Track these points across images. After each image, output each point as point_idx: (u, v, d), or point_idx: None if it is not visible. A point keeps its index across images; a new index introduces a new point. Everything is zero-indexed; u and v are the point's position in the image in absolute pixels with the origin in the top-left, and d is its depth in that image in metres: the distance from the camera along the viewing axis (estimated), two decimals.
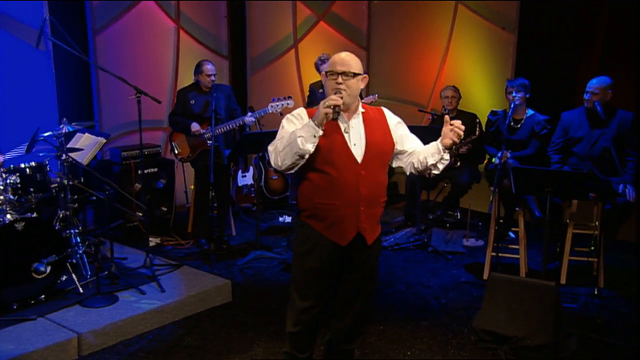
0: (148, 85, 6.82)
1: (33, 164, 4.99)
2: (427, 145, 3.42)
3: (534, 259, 5.99)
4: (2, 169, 4.81)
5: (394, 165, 3.56)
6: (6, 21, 6.15)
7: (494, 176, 5.25)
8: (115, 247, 5.89)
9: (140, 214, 6.54)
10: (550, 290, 4.30)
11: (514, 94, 5.65)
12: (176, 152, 6.18)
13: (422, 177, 6.58)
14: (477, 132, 6.43)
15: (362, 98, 6.55)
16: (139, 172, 6.48)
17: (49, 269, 4.79)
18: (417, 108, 7.29)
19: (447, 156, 3.35)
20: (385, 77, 8.80)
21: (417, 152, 3.43)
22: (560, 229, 5.53)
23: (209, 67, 6.08)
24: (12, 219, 4.63)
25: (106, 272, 5.18)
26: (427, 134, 6.18)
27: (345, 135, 3.29)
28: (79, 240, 5.26)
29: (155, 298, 4.92)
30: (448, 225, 6.93)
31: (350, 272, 3.45)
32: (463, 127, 3.25)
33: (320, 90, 6.92)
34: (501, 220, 5.95)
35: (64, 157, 5.07)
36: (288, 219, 7.25)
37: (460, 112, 6.80)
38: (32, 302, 4.69)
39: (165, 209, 6.73)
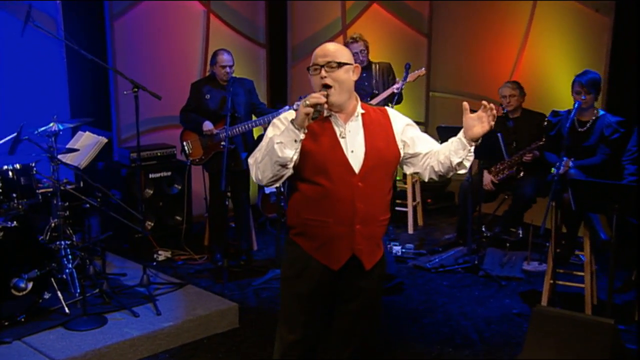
0: (173, 78, 6.78)
1: (17, 166, 4.94)
2: (444, 144, 3.22)
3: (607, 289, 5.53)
4: None
5: (408, 172, 3.37)
6: (17, 7, 6.16)
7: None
8: (118, 261, 5.88)
9: (151, 223, 6.46)
10: (607, 329, 3.90)
11: (583, 97, 5.26)
12: (187, 152, 6.05)
13: (477, 187, 6.23)
14: (544, 137, 6.02)
15: (406, 75, 6.30)
16: (150, 175, 6.40)
17: (30, 285, 4.71)
18: (499, 103, 6.89)
19: (472, 150, 3.17)
20: (449, 68, 8.41)
21: (435, 153, 3.24)
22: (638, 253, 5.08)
23: (224, 57, 5.93)
24: None
25: (97, 290, 5.06)
26: (486, 136, 5.88)
27: (341, 141, 3.12)
28: (69, 253, 5.17)
29: (149, 322, 4.78)
30: (508, 244, 6.53)
31: (345, 302, 3.26)
32: (493, 106, 3.06)
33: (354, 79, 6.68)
34: (563, 242, 5.53)
35: (54, 159, 4.99)
36: None
37: (526, 112, 6.45)
38: (9, 323, 4.61)
39: (179, 219, 6.61)
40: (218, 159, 5.81)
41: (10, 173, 4.89)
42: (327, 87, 3.04)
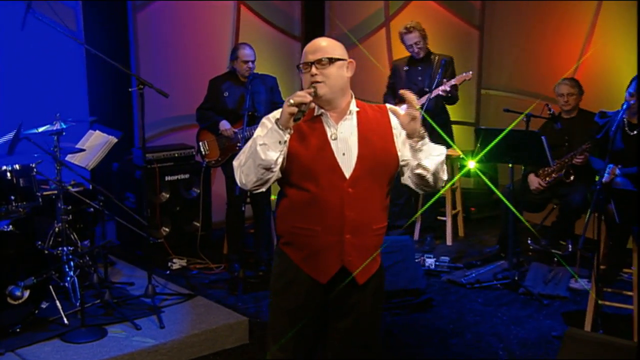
0: (199, 74, 6.77)
1: (17, 166, 4.96)
2: None
3: None
4: None
5: (403, 182, 3.23)
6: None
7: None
8: (128, 269, 5.90)
9: (166, 229, 6.45)
10: (630, 350, 3.73)
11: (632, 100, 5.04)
12: (203, 153, 6.02)
13: (520, 193, 6.02)
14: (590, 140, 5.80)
15: (441, 72, 6.13)
16: (166, 178, 6.39)
17: (26, 293, 4.73)
18: (545, 103, 6.67)
19: (427, 148, 3.04)
20: (503, 64, 8.20)
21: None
22: None
23: (246, 52, 5.89)
24: None
25: (98, 300, 5.06)
26: (529, 140, 5.71)
27: (332, 143, 3.03)
28: (72, 260, 5.18)
29: (151, 335, 4.74)
30: (555, 259, 6.28)
31: (336, 319, 3.18)
32: (414, 98, 2.98)
33: (406, 68, 6.55)
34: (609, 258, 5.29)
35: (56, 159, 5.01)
36: None
37: (583, 113, 6.26)
38: (5, 333, 4.63)
39: (198, 224, 6.58)
40: None
41: (8, 174, 4.90)
42: (313, 87, 2.96)
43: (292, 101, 2.85)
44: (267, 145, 2.89)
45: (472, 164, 7.15)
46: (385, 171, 3.09)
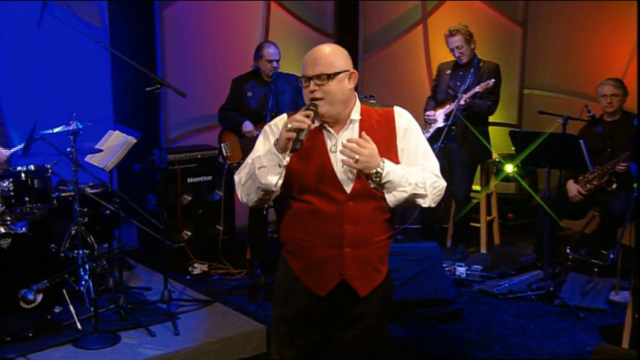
0: (227, 73, 6.79)
1: (32, 167, 5.02)
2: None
3: None
4: None
5: None
6: None
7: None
8: (146, 273, 5.94)
9: (188, 233, 6.48)
10: None
11: None
12: (225, 155, 6.04)
13: (558, 202, 5.91)
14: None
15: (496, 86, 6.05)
16: (188, 180, 6.42)
17: (39, 297, 4.78)
18: (584, 104, 6.53)
19: (392, 181, 2.93)
20: (547, 62, 8.05)
21: None
22: None
23: (270, 51, 5.89)
24: None
25: (113, 306, 5.10)
26: (566, 143, 5.58)
27: (332, 156, 3.00)
28: (86, 263, 5.23)
29: (165, 342, 4.76)
30: (596, 270, 6.15)
31: (341, 330, 3.16)
32: (356, 146, 2.85)
33: (448, 72, 6.49)
34: None
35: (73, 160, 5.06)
36: None
37: (628, 115, 6.14)
38: (11, 338, 4.68)
39: (220, 228, 6.60)
40: None
41: (23, 175, 4.97)
42: (313, 106, 2.90)
43: (289, 126, 2.81)
44: (266, 168, 2.89)
45: (509, 168, 7.05)
46: None
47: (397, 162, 3.01)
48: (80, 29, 5.20)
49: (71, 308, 4.93)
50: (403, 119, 3.07)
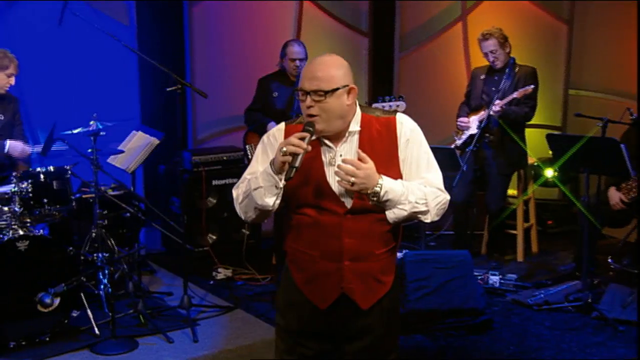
0: (257, 72, 6.81)
1: (51, 168, 5.10)
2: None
3: None
4: (16, 174, 4.95)
5: None
6: None
7: None
8: (168, 277, 5.99)
9: (213, 237, 6.51)
10: None
11: None
12: (250, 157, 6.05)
13: (598, 209, 5.80)
14: None
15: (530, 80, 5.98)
16: (213, 182, 6.45)
17: (57, 301, 4.85)
18: (626, 106, 6.42)
19: (389, 204, 2.90)
20: (595, 61, 7.90)
21: None
22: None
23: (295, 49, 5.91)
24: (14, 236, 4.74)
25: (132, 310, 5.15)
26: (606, 148, 5.47)
27: (330, 170, 2.95)
28: (104, 267, 5.28)
29: (183, 349, 4.81)
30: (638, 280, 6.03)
31: (345, 342, 3.13)
32: (351, 168, 2.79)
33: (482, 77, 6.42)
34: None
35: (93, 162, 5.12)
36: (411, 255, 6.79)
37: None
38: (26, 342, 4.76)
39: (246, 232, 6.61)
40: None
41: (41, 176, 5.04)
42: (310, 126, 2.84)
43: (284, 149, 2.77)
44: (263, 189, 2.86)
45: (549, 173, 6.94)
46: None
47: (398, 173, 2.97)
48: (101, 28, 5.24)
49: (89, 312, 4.99)
50: (405, 127, 2.99)
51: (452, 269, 5.31)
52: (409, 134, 2.99)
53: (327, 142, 2.95)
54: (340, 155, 2.92)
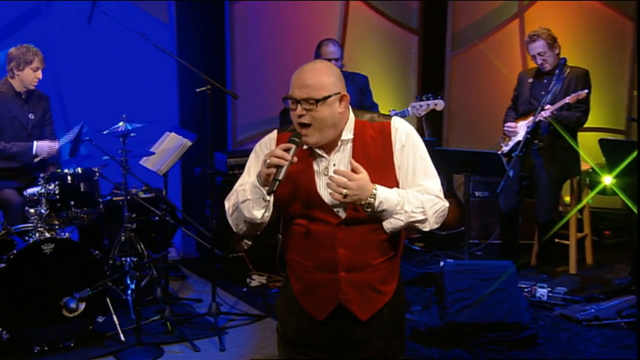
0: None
1: (79, 170, 5.18)
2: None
3: None
4: (43, 175, 5.05)
5: None
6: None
7: None
8: (199, 284, 6.03)
9: (248, 242, 6.54)
10: None
11: None
12: None
13: None
14: None
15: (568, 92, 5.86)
16: None
17: (82, 306, 4.92)
18: None
19: (384, 214, 2.86)
20: None
21: None
22: None
23: (330, 49, 5.91)
24: (39, 239, 4.83)
25: (159, 317, 5.20)
26: None
27: (322, 181, 2.92)
28: (130, 271, 5.36)
29: (209, 358, 4.86)
30: None
31: (346, 353, 3.11)
32: (343, 180, 2.74)
33: (530, 80, 6.33)
34: None
35: (121, 164, 5.19)
36: (450, 265, 6.72)
37: None
38: (49, 348, 4.84)
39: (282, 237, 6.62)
40: None
41: (69, 178, 5.13)
42: (296, 137, 2.82)
43: (268, 161, 2.76)
44: (251, 201, 2.87)
45: (608, 180, 6.80)
46: None
47: (394, 181, 2.93)
48: (131, 27, 5.30)
49: (115, 318, 5.06)
50: (400, 133, 2.95)
51: (494, 281, 5.22)
52: (404, 139, 2.94)
53: (319, 151, 2.92)
54: (334, 165, 2.90)
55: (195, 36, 7.06)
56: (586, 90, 5.93)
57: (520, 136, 6.10)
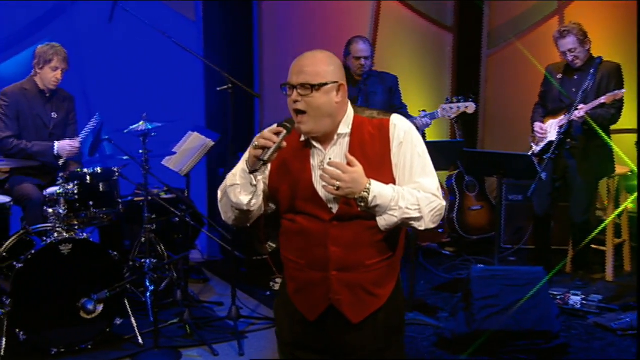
0: None
1: (99, 170, 5.21)
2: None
3: None
4: (62, 174, 5.09)
5: None
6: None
7: None
8: (221, 287, 6.05)
9: (272, 245, 6.52)
10: None
11: None
12: None
13: None
14: None
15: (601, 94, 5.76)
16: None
17: (100, 308, 4.96)
18: None
19: (378, 210, 2.85)
20: None
21: None
22: None
23: (360, 47, 5.88)
24: (57, 239, 4.88)
25: (177, 320, 5.23)
26: None
27: (314, 175, 2.94)
28: (149, 273, 5.38)
29: None
30: None
31: (341, 356, 3.11)
32: (336, 172, 2.74)
33: (559, 76, 6.24)
34: None
35: (141, 165, 5.22)
36: (478, 270, 6.65)
37: None
38: (65, 350, 4.88)
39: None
40: None
41: (88, 178, 5.16)
42: (288, 122, 2.85)
43: (256, 143, 2.78)
44: (239, 185, 2.89)
45: None
46: None
47: (390, 178, 2.92)
48: (151, 25, 5.32)
49: (133, 321, 5.08)
50: (398, 130, 2.94)
51: (523, 287, 5.16)
52: (403, 137, 2.93)
53: (316, 144, 2.92)
54: (330, 159, 2.90)
55: (222, 34, 7.09)
56: (624, 90, 5.81)
57: (552, 136, 6.01)
